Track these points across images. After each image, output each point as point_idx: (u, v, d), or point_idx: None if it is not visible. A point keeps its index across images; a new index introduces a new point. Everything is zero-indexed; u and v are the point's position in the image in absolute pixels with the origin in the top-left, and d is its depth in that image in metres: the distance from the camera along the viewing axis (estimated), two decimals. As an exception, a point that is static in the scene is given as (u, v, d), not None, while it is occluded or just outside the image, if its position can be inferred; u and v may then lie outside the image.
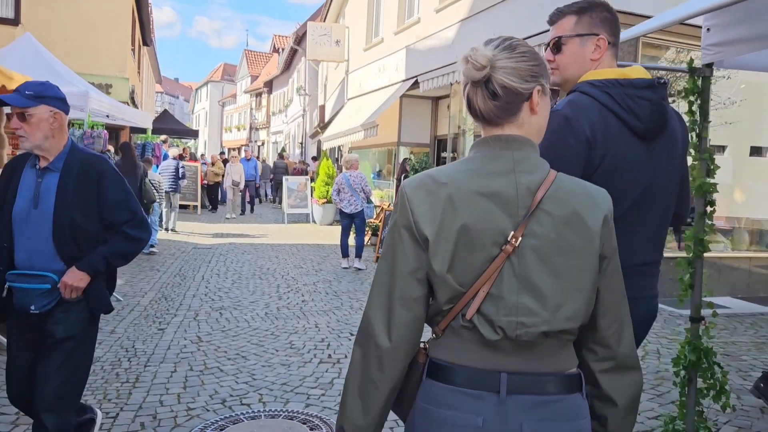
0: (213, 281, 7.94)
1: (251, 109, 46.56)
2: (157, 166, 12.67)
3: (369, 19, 15.74)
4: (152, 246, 10.27)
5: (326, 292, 7.54)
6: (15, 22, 16.23)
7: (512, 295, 1.28)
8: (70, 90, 8.58)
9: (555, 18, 1.94)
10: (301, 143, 28.52)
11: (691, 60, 3.18)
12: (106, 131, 8.68)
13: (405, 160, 12.67)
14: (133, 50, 20.82)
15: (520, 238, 1.28)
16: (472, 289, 1.29)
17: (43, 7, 16.79)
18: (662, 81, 1.80)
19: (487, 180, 1.31)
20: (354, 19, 17.16)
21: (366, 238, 12.32)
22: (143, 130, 13.57)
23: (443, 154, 12.71)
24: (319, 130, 21.34)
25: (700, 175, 3.14)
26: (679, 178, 1.97)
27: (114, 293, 6.58)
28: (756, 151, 8.86)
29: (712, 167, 3.15)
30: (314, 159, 24.64)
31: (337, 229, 14.30)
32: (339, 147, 18.21)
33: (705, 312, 3.18)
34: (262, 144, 43.68)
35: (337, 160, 18.83)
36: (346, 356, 4.97)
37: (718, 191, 3.14)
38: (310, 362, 4.81)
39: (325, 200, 15.65)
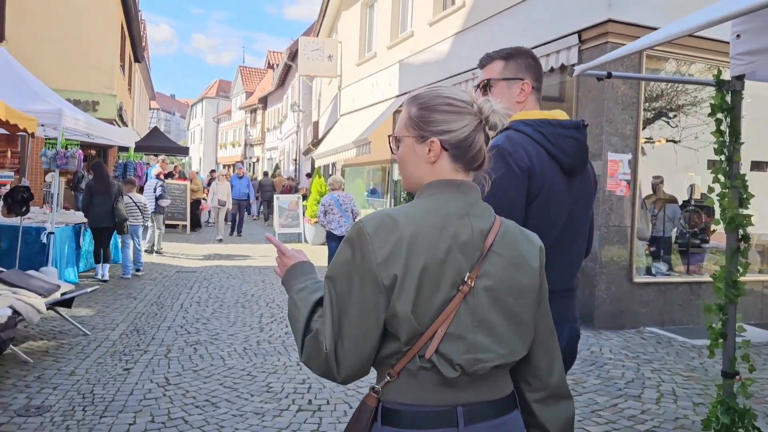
0: (192, 310, 7.44)
1: (246, 125, 46.26)
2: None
3: (362, 33, 15.38)
4: (137, 270, 9.82)
5: (312, 322, 7.04)
6: (0, 38, 15.85)
7: (469, 333, 1.33)
8: (43, 108, 8.14)
9: (485, 62, 2.11)
10: (296, 160, 28.12)
11: (719, 71, 2.73)
12: (80, 151, 8.22)
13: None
14: (122, 66, 20.44)
15: (475, 279, 1.34)
16: (430, 329, 1.31)
17: (28, 24, 16.42)
18: (585, 123, 1.99)
19: (445, 222, 1.36)
20: (347, 33, 16.80)
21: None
22: (128, 149, 13.11)
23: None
24: (312, 147, 20.92)
25: (732, 206, 2.68)
26: (591, 212, 2.15)
27: (81, 326, 6.09)
28: (756, 165, 8.44)
29: (745, 196, 2.69)
30: (308, 176, 24.23)
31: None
32: (332, 164, 17.79)
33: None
34: (257, 160, 43.30)
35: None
36: (327, 402, 4.47)
37: (753, 224, 2.68)
38: (287, 410, 4.31)
39: (317, 219, 15.17)
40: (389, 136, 1.53)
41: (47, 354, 5.37)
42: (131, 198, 9.88)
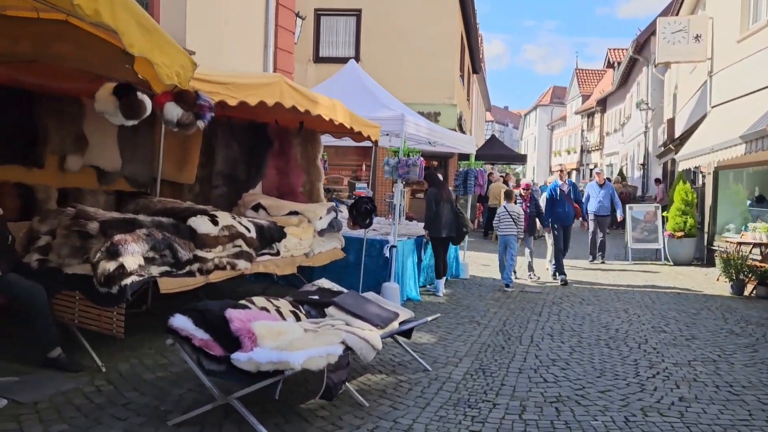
0: (545, 346, 6.07)
1: (582, 130, 43.91)
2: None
3: (744, 1, 12.27)
4: (507, 286, 9.23)
5: (714, 383, 5.01)
6: (356, 59, 17.01)
7: None
8: (385, 114, 7.72)
9: None
10: (643, 164, 25.03)
11: None
12: (422, 159, 7.59)
13: None
14: (462, 77, 20.51)
15: None
16: None
17: (378, 44, 17.38)
18: None
19: None
20: (720, 4, 13.74)
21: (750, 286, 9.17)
22: (468, 157, 12.50)
23: None
24: (672, 147, 17.94)
25: None
26: None
27: (421, 360, 5.19)
28: None
29: None
30: (657, 182, 21.17)
31: (702, 273, 11.18)
32: (694, 168, 14.76)
33: None
34: (594, 167, 40.60)
35: (693, 182, 15.36)
36: None
37: None
38: None
39: (682, 233, 12.56)
40: None
41: (384, 395, 4.53)
42: (506, 208, 9.45)
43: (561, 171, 10.97)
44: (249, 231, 5.50)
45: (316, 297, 4.67)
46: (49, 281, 4.49)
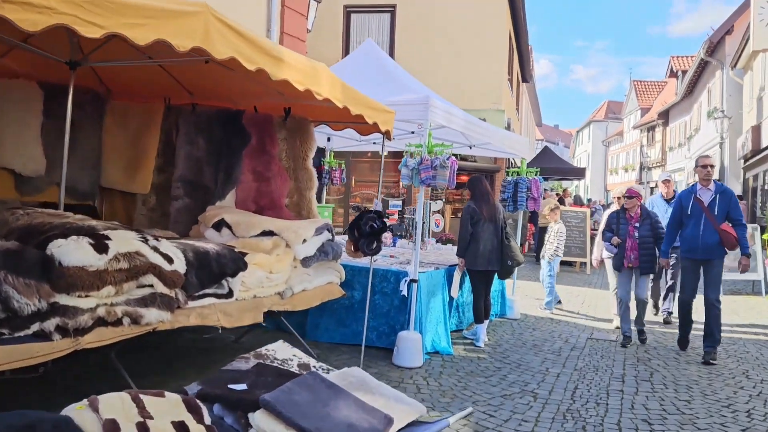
0: (642, 447, 3.83)
1: (641, 146, 40.87)
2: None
3: None
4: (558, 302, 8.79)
5: None
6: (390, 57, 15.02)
7: None
8: (407, 98, 5.66)
9: None
10: (718, 180, 22.16)
11: None
12: (455, 159, 5.47)
13: None
14: (510, 81, 18.30)
15: None
16: None
17: (415, 43, 15.42)
18: None
19: None
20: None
21: None
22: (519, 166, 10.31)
23: None
24: None
25: None
26: None
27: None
28: None
29: None
30: (740, 198, 18.42)
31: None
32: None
33: None
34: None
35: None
36: None
37: None
38: None
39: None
40: None
41: None
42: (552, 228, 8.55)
43: (707, 166, 6.36)
44: (170, 262, 3.48)
45: (244, 386, 2.58)
46: None
